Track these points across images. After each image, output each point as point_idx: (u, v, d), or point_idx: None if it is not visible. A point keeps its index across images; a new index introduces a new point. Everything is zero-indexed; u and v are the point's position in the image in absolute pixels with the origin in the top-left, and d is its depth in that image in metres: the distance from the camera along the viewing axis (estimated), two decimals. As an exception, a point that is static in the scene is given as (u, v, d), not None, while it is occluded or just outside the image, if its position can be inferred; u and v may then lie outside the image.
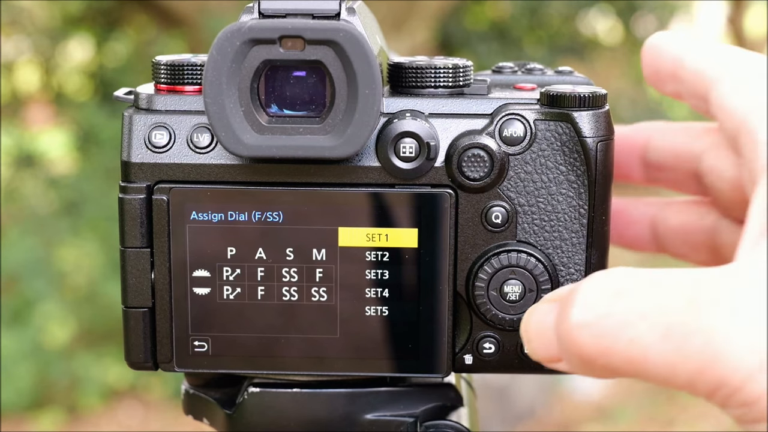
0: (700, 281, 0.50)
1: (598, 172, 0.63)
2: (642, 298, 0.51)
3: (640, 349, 0.50)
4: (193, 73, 0.64)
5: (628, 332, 0.50)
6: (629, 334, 0.50)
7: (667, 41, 0.67)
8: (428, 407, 0.68)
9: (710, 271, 0.51)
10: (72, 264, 3.97)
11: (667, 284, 0.51)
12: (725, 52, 0.64)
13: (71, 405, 3.69)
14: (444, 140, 0.63)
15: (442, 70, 0.64)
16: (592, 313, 0.52)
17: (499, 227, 0.64)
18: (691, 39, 0.67)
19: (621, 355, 0.51)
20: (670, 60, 0.67)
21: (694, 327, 0.48)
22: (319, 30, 0.57)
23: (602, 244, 0.65)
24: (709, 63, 0.63)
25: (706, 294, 0.49)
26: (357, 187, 0.63)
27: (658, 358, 0.50)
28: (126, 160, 0.63)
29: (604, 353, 0.51)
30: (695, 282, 0.50)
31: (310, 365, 0.65)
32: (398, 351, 0.64)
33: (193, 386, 0.72)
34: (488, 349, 0.65)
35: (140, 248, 0.64)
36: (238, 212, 0.63)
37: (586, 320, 0.52)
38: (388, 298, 0.64)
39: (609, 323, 0.51)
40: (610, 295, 0.52)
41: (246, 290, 0.64)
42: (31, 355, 3.63)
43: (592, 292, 0.53)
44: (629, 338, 0.50)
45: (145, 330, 0.65)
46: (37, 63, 5.21)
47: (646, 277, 0.52)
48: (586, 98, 0.63)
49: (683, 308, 0.49)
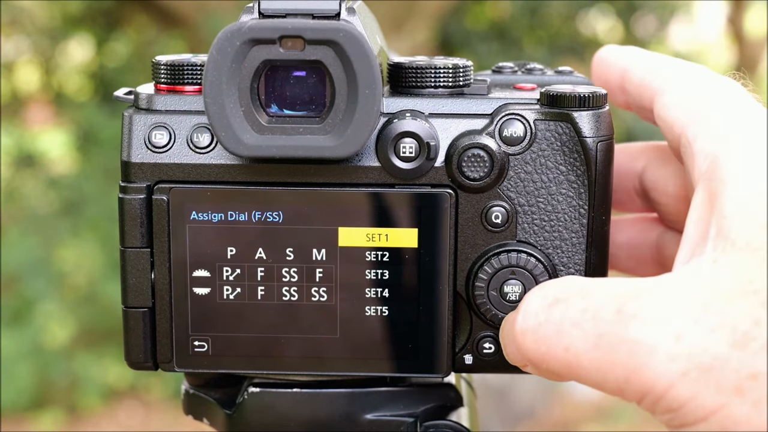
0: (628, 292, 0.53)
1: (598, 172, 0.63)
2: (576, 306, 0.54)
3: (575, 356, 0.53)
4: (193, 73, 0.64)
5: (563, 339, 0.53)
6: (564, 342, 0.53)
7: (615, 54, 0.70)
8: (428, 407, 0.68)
9: (641, 282, 0.53)
10: (72, 264, 3.97)
11: (599, 294, 0.53)
12: (668, 64, 0.66)
13: (71, 405, 3.69)
14: (444, 140, 0.63)
15: (442, 70, 0.64)
16: (533, 321, 0.55)
17: (499, 227, 0.64)
18: (637, 51, 0.70)
19: (558, 361, 0.54)
20: (617, 72, 0.69)
21: (620, 337, 0.51)
22: (319, 30, 0.57)
23: (602, 244, 0.65)
24: (652, 75, 0.66)
25: (632, 305, 0.52)
26: (357, 187, 0.63)
27: (591, 366, 0.52)
28: (126, 160, 0.63)
29: (544, 359, 0.55)
30: (624, 293, 0.53)
31: (310, 365, 0.65)
32: (398, 351, 0.64)
33: (193, 386, 0.72)
34: (488, 349, 0.65)
35: (140, 248, 0.64)
36: (238, 212, 0.63)
37: (527, 327, 0.55)
38: (388, 298, 0.64)
39: (546, 330, 0.54)
40: (549, 303, 0.55)
41: (246, 290, 0.64)
42: (31, 355, 3.63)
43: (533, 300, 0.56)
44: (565, 346, 0.53)
45: (145, 330, 0.65)
46: (37, 63, 5.21)
47: (582, 286, 0.55)
48: (586, 98, 0.63)
49: (612, 319, 0.52)
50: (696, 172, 0.56)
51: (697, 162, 0.56)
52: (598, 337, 0.52)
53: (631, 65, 0.68)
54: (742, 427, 0.48)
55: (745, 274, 0.50)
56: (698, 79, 0.62)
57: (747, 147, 0.54)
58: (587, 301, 0.53)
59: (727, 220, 0.52)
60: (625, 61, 0.69)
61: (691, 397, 0.49)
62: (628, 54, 0.69)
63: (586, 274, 0.64)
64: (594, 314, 0.53)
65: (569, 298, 0.54)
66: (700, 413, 0.49)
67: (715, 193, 0.53)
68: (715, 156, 0.55)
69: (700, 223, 0.54)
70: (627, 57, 0.69)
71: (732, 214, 0.52)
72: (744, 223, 0.51)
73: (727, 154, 0.54)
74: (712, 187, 0.54)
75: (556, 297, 0.55)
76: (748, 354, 0.48)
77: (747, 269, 0.50)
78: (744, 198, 0.52)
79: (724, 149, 0.55)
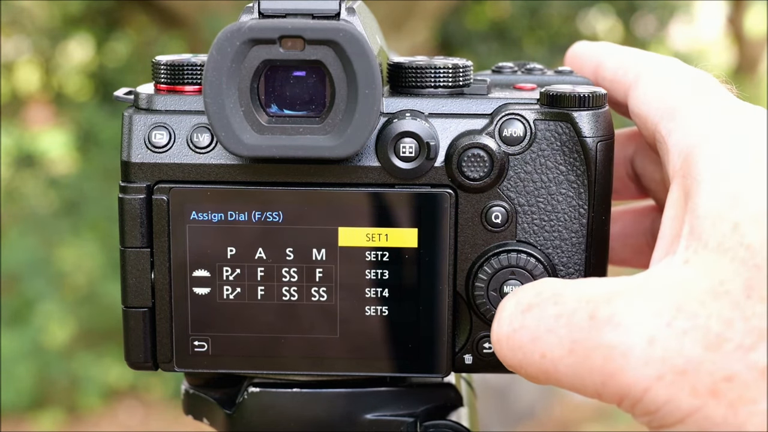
0: (600, 296, 0.52)
1: (597, 172, 0.63)
2: (549, 312, 0.53)
3: (551, 362, 0.53)
4: (193, 73, 0.64)
5: (539, 346, 0.53)
6: (540, 349, 0.53)
7: (587, 49, 0.70)
8: (428, 407, 0.68)
9: (614, 284, 0.53)
10: (72, 264, 3.97)
11: (572, 298, 0.53)
12: (639, 58, 0.65)
13: (71, 405, 3.69)
14: (444, 140, 0.63)
15: (442, 70, 0.64)
16: (507, 327, 0.55)
17: (499, 227, 0.64)
18: (608, 46, 0.69)
19: (536, 367, 0.54)
20: (590, 68, 0.69)
21: (595, 342, 0.51)
22: (319, 30, 0.57)
23: (602, 244, 0.65)
24: (624, 69, 0.65)
25: (604, 310, 0.51)
26: (357, 187, 0.63)
27: (568, 371, 0.52)
28: (126, 160, 0.63)
29: (521, 365, 0.54)
30: (596, 297, 0.52)
31: (310, 365, 0.65)
32: (398, 351, 0.64)
33: (193, 386, 0.72)
34: (488, 349, 0.65)
35: (140, 248, 0.64)
36: (238, 212, 0.63)
37: (502, 334, 0.55)
38: (388, 298, 0.64)
39: (521, 337, 0.54)
40: (522, 309, 0.55)
41: (246, 290, 0.64)
42: (31, 355, 3.63)
43: (508, 307, 0.55)
44: (541, 352, 0.53)
45: (145, 330, 0.65)
46: (37, 63, 5.21)
47: (554, 291, 0.54)
48: (586, 98, 0.63)
49: (585, 324, 0.52)
50: (671, 168, 0.56)
51: (672, 158, 0.56)
52: (573, 343, 0.52)
53: (603, 60, 0.68)
54: (719, 428, 0.48)
55: (717, 275, 0.49)
56: (670, 73, 0.62)
57: (721, 144, 0.53)
58: (560, 306, 0.53)
59: (699, 219, 0.51)
60: (598, 57, 0.68)
61: (667, 400, 0.49)
62: (600, 49, 0.69)
63: (586, 274, 0.64)
64: (568, 320, 0.52)
65: (542, 304, 0.54)
66: (678, 415, 0.49)
67: (688, 191, 0.53)
68: (688, 153, 0.54)
69: (675, 221, 0.54)
70: (599, 52, 0.69)
71: (704, 214, 0.51)
72: (716, 223, 0.50)
73: (700, 152, 0.54)
74: (686, 185, 0.53)
75: (529, 303, 0.55)
76: (721, 356, 0.48)
77: (718, 270, 0.49)
78: (716, 197, 0.51)
79: (698, 146, 0.54)
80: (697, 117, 0.56)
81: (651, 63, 0.64)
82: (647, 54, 0.66)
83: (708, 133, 0.55)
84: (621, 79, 0.65)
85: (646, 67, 0.63)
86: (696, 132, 0.55)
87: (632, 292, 0.52)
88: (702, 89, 0.59)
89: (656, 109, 0.60)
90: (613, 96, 0.66)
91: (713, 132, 0.54)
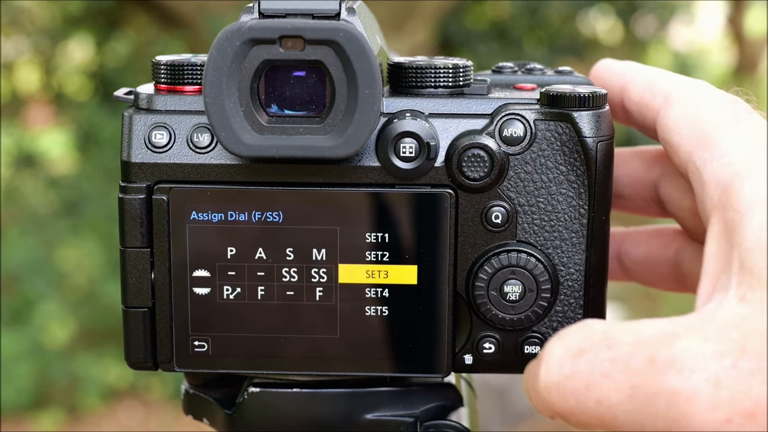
0: (658, 338, 0.50)
1: (598, 172, 0.63)
2: (603, 356, 0.51)
3: (608, 409, 0.51)
4: (193, 73, 0.64)
5: (594, 393, 0.51)
6: (596, 395, 0.51)
7: (612, 70, 0.68)
8: (428, 407, 0.68)
9: (669, 325, 0.51)
10: (72, 264, 3.97)
11: (626, 341, 0.51)
12: (667, 81, 0.63)
13: (71, 405, 3.69)
14: (444, 140, 0.63)
15: (442, 70, 0.64)
16: (558, 374, 0.53)
17: (499, 227, 0.64)
18: (635, 67, 0.67)
19: (590, 414, 0.51)
20: (616, 90, 0.67)
21: (656, 388, 0.49)
22: (319, 30, 0.57)
23: (602, 244, 0.65)
24: (652, 93, 0.63)
25: (665, 353, 0.49)
26: (357, 187, 0.63)
27: (627, 418, 0.50)
28: (126, 160, 0.63)
29: (573, 412, 0.52)
30: (653, 339, 0.50)
31: (310, 365, 0.65)
32: (398, 351, 0.64)
33: (193, 386, 0.72)
34: (488, 349, 0.65)
35: (140, 248, 0.64)
36: (238, 212, 0.63)
37: (552, 381, 0.53)
38: (388, 298, 0.64)
39: (573, 383, 0.52)
40: (573, 354, 0.52)
41: (246, 290, 0.64)
42: (31, 355, 3.63)
43: (556, 352, 0.53)
44: (596, 399, 0.51)
45: (145, 330, 0.65)
46: (37, 63, 5.21)
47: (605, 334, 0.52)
48: (586, 98, 0.63)
49: (644, 369, 0.49)
50: (708, 202, 0.54)
51: (708, 190, 0.54)
52: (632, 389, 0.49)
53: (629, 83, 0.66)
54: None
55: None
56: (700, 97, 0.60)
57: (760, 172, 0.52)
58: (615, 350, 0.51)
59: (749, 253, 0.50)
60: (624, 78, 0.66)
61: None
62: (626, 70, 0.67)
63: (585, 274, 0.64)
64: (625, 364, 0.50)
65: (594, 348, 0.52)
66: None
67: (732, 225, 0.51)
68: (728, 184, 0.53)
69: (719, 257, 0.52)
70: (625, 74, 0.67)
71: (753, 247, 0.50)
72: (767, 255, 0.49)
73: (741, 182, 0.52)
74: (728, 218, 0.52)
75: (580, 348, 0.52)
76: None
77: None
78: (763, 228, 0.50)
79: (737, 176, 0.52)
80: (733, 147, 0.55)
81: (680, 86, 0.62)
82: (675, 76, 0.64)
83: (747, 162, 0.53)
84: (649, 102, 0.63)
85: (675, 91, 0.62)
86: (734, 162, 0.53)
87: (691, 333, 0.49)
88: (735, 116, 0.57)
89: (688, 138, 0.58)
90: (641, 120, 0.65)
91: (752, 161, 0.53)
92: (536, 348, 0.65)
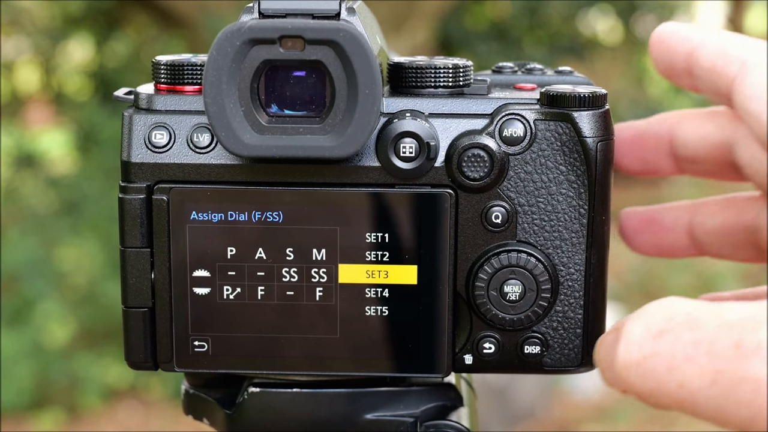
0: (744, 323, 0.48)
1: (598, 172, 0.63)
2: (686, 338, 0.49)
3: (689, 393, 0.49)
4: (193, 73, 0.64)
5: (676, 375, 0.49)
6: (677, 378, 0.49)
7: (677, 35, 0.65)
8: (428, 407, 0.68)
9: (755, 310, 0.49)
10: (72, 264, 3.97)
11: (711, 324, 0.49)
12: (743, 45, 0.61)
13: (71, 405, 3.69)
14: (444, 140, 0.63)
15: (442, 70, 0.64)
16: (638, 354, 0.51)
17: (499, 227, 0.64)
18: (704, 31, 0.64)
19: (670, 397, 0.50)
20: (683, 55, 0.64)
21: (741, 375, 0.47)
22: (319, 30, 0.57)
23: (602, 244, 0.65)
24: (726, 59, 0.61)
25: (752, 339, 0.47)
26: (357, 187, 0.63)
27: (709, 404, 0.49)
28: (126, 160, 0.63)
29: (653, 393, 0.51)
30: (740, 323, 0.48)
31: (310, 365, 0.65)
32: (398, 351, 0.64)
33: (193, 386, 0.72)
34: (488, 349, 0.65)
35: (140, 248, 0.64)
36: (238, 212, 0.63)
37: (632, 360, 0.51)
38: (388, 298, 0.64)
39: (654, 364, 0.50)
40: (654, 334, 0.51)
41: (246, 290, 0.64)
42: (31, 355, 3.63)
43: (637, 331, 0.51)
44: (678, 382, 0.49)
45: (145, 330, 0.65)
46: (37, 63, 5.21)
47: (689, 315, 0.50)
48: (586, 98, 0.63)
49: (729, 354, 0.48)
50: None
51: None
52: (716, 374, 0.48)
53: (698, 47, 0.63)
54: None
55: None
56: None
57: None
58: (699, 332, 0.49)
59: None
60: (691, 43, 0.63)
61: None
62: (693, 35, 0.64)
63: (585, 274, 0.64)
64: (709, 348, 0.48)
65: (677, 329, 0.50)
66: None
67: None
68: None
69: None
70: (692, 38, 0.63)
71: None
72: None
73: None
74: None
75: (660, 328, 0.50)
76: None
77: None
78: None
79: None
80: None
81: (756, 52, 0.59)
82: (748, 41, 0.61)
83: None
84: (722, 68, 0.61)
85: (751, 57, 0.59)
86: None
87: None
88: None
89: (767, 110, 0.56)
90: (712, 87, 0.62)
91: None
92: (536, 348, 0.65)
